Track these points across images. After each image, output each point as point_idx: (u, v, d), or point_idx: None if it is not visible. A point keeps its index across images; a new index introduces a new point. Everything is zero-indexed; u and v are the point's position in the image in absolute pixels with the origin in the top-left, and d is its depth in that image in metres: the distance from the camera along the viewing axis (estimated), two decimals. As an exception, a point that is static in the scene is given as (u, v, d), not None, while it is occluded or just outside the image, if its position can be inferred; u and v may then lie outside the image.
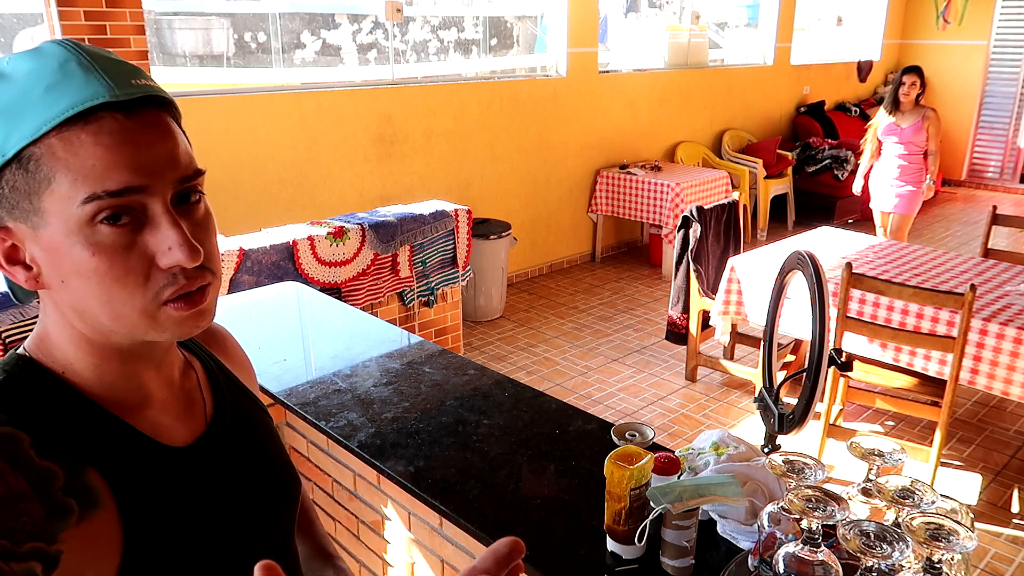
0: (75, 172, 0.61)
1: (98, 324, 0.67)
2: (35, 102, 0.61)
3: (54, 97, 0.61)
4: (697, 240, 4.03)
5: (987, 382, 3.00)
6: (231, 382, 0.85)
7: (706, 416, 3.87)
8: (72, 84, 0.62)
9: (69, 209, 0.62)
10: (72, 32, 3.51)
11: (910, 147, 5.10)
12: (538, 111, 5.71)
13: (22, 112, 0.61)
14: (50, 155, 0.61)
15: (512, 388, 1.79)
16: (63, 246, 0.63)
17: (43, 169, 0.61)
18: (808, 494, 1.00)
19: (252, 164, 4.28)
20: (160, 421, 0.73)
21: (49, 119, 0.61)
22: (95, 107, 0.62)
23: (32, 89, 0.61)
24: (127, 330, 0.67)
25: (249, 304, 2.39)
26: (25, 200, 0.62)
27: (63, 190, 0.62)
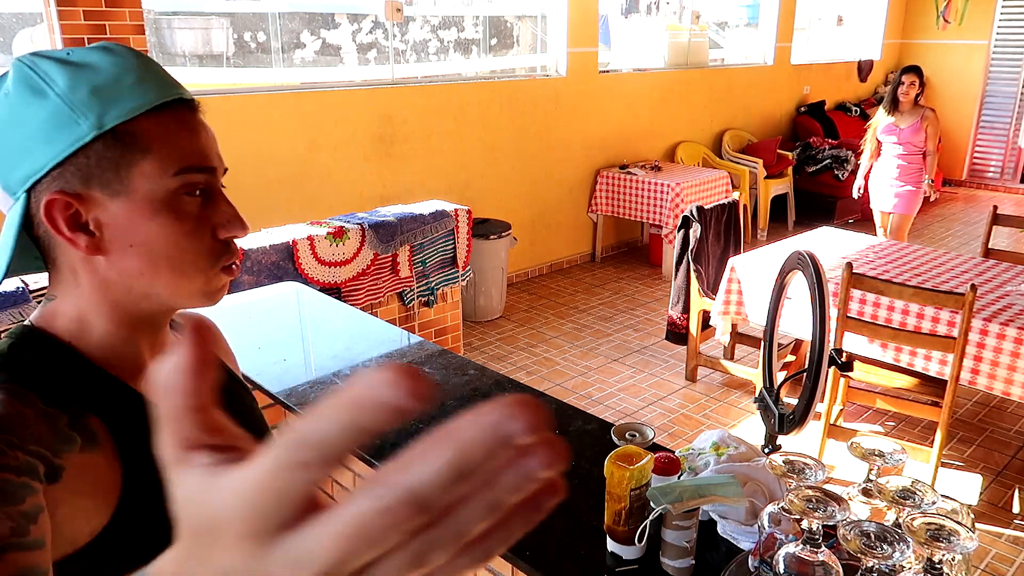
0: (167, 149, 0.72)
1: (149, 288, 0.74)
2: (128, 89, 0.71)
3: (144, 88, 0.72)
4: (697, 240, 4.03)
5: (988, 382, 3.00)
6: (219, 363, 0.90)
7: (706, 416, 3.87)
8: (155, 79, 0.73)
9: (159, 180, 0.72)
10: (72, 32, 3.51)
11: (909, 147, 5.10)
12: (538, 111, 5.70)
13: (116, 96, 0.70)
14: (144, 133, 0.71)
15: (512, 388, 1.79)
16: (145, 213, 0.72)
17: (138, 144, 0.71)
18: (808, 494, 1.00)
19: (252, 164, 4.27)
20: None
21: (143, 104, 0.71)
22: (174, 100, 0.74)
23: (123, 78, 0.71)
24: (181, 292, 0.76)
25: (249, 304, 2.38)
26: (112, 170, 0.70)
27: (155, 163, 0.71)
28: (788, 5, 7.75)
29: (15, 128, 0.69)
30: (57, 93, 0.68)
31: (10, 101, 0.69)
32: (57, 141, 0.68)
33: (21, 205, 0.71)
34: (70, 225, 0.70)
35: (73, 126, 0.68)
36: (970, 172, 9.52)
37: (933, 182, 5.14)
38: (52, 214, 0.70)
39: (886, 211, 5.33)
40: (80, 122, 0.69)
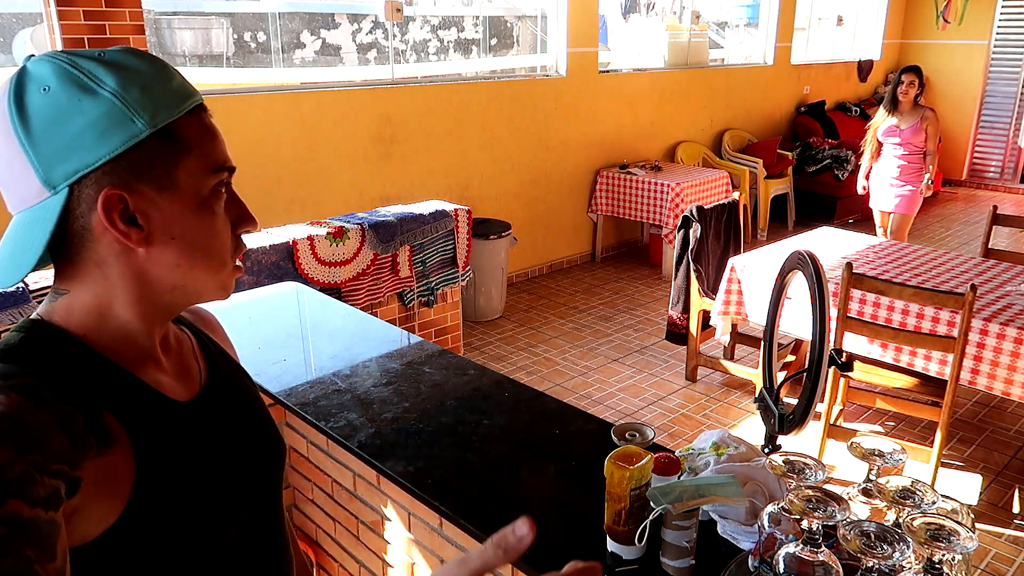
0: (206, 148, 0.77)
1: (182, 279, 0.78)
2: (172, 91, 0.75)
3: (182, 90, 0.77)
4: (697, 240, 4.03)
5: (987, 382, 3.00)
6: (221, 352, 0.95)
7: (706, 416, 3.87)
8: (185, 83, 0.78)
9: (201, 177, 0.76)
10: (72, 32, 3.51)
11: (909, 147, 5.10)
12: (538, 111, 5.70)
13: (163, 96, 0.74)
14: (189, 131, 0.76)
15: (512, 388, 1.79)
16: (189, 207, 0.76)
17: (184, 142, 0.75)
18: (808, 494, 1.00)
19: (252, 164, 4.27)
20: (163, 379, 0.81)
21: (186, 105, 0.76)
22: (200, 104, 0.79)
23: (164, 80, 0.75)
24: (208, 284, 0.80)
25: (249, 304, 2.38)
26: (161, 166, 0.74)
27: (198, 161, 0.76)
28: (788, 5, 7.75)
29: (63, 124, 0.70)
30: (110, 91, 0.71)
31: (55, 98, 0.71)
32: (112, 137, 0.71)
33: (62, 199, 0.72)
34: (124, 219, 0.73)
35: (128, 123, 0.71)
36: (970, 172, 9.52)
37: (932, 181, 5.14)
38: (109, 209, 0.72)
39: (886, 211, 5.33)
40: (135, 120, 0.72)
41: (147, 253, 0.75)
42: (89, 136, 0.70)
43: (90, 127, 0.70)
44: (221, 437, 0.85)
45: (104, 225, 0.72)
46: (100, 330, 0.77)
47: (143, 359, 0.80)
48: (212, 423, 0.84)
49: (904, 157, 5.11)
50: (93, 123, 0.70)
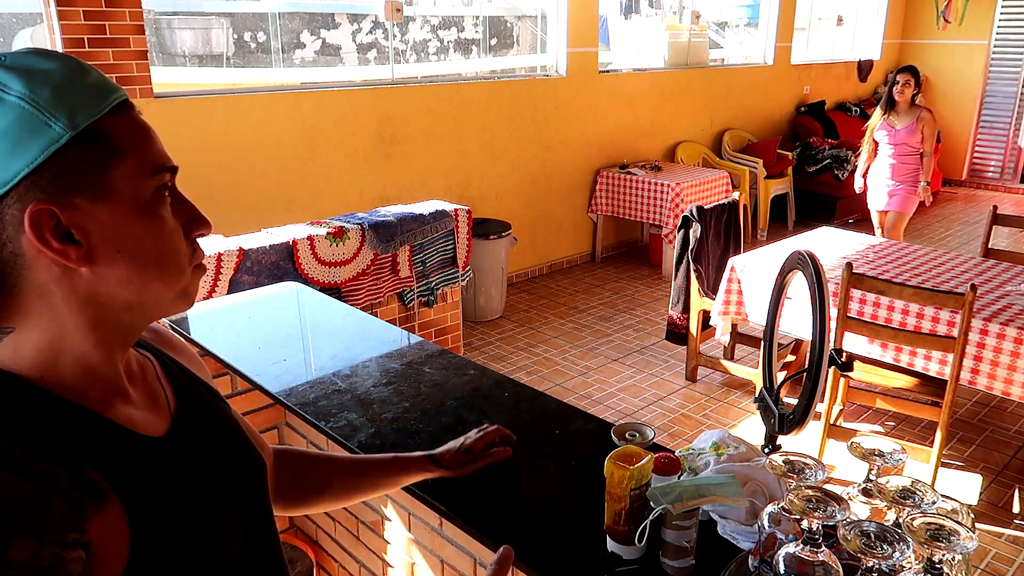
0: (140, 147, 0.70)
1: (136, 295, 0.71)
2: (88, 88, 0.67)
3: (101, 86, 0.69)
4: (697, 240, 4.03)
5: (987, 382, 3.00)
6: (186, 374, 0.88)
7: (706, 416, 3.87)
8: (103, 79, 0.70)
9: (139, 180, 0.69)
10: (72, 32, 3.51)
11: (904, 148, 5.10)
12: (538, 111, 5.70)
13: (79, 95, 0.66)
14: (118, 131, 0.68)
15: (512, 388, 1.79)
16: (130, 215, 0.69)
17: (114, 144, 0.68)
18: (808, 494, 1.00)
19: (252, 164, 4.27)
20: (133, 414, 0.75)
21: (108, 102, 0.68)
22: (124, 100, 0.71)
23: (77, 78, 0.67)
24: (166, 296, 0.73)
25: (249, 304, 2.38)
26: (93, 173, 0.67)
27: (133, 163, 0.69)
28: (788, 5, 7.75)
29: None
30: (17, 95, 0.64)
31: None
32: (29, 146, 0.64)
33: None
34: (58, 237, 0.65)
35: (44, 128, 0.64)
36: (970, 172, 9.52)
37: (929, 184, 5.14)
38: (39, 227, 0.64)
39: (882, 210, 5.34)
40: (52, 124, 0.64)
41: (92, 272, 0.68)
42: (1, 149, 0.63)
43: (1, 139, 0.63)
44: (203, 466, 0.80)
45: (37, 247, 0.65)
46: (57, 369, 0.69)
47: (109, 395, 0.73)
48: (191, 453, 0.79)
49: (899, 157, 5.12)
50: (3, 134, 0.63)
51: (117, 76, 3.68)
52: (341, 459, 1.21)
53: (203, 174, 4.07)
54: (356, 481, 1.20)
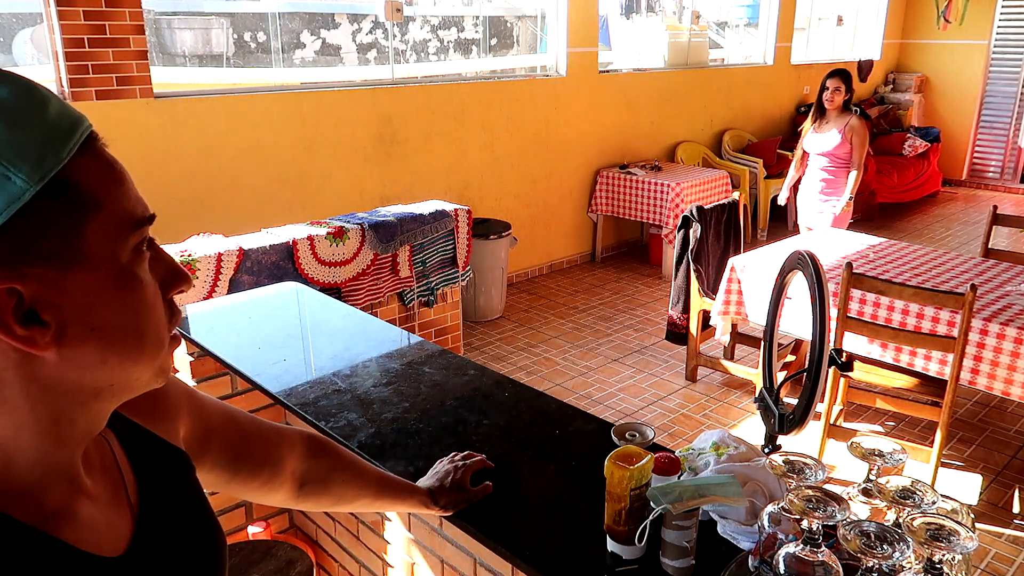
0: (115, 198, 0.56)
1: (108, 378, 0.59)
2: (50, 122, 0.53)
3: (63, 118, 0.54)
4: (697, 240, 4.03)
5: (987, 382, 3.00)
6: (146, 442, 0.76)
7: (706, 416, 3.87)
8: (64, 107, 0.56)
9: (117, 239, 0.56)
10: (72, 32, 3.51)
11: (834, 159, 4.65)
12: (538, 111, 5.70)
13: (39, 134, 0.52)
14: (90, 178, 0.54)
15: (512, 388, 1.79)
16: (106, 284, 0.56)
17: (88, 194, 0.54)
18: (808, 494, 1.00)
19: (252, 164, 4.27)
20: (93, 519, 0.64)
21: (74, 138, 0.54)
22: (89, 134, 0.57)
23: (39, 108, 0.53)
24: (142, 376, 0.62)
25: (249, 304, 2.38)
26: (60, 233, 0.53)
27: (109, 218, 0.55)
28: (788, 5, 7.75)
29: None
30: None
31: None
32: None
33: None
34: (19, 319, 0.52)
35: (3, 182, 0.50)
36: (970, 172, 9.52)
37: (852, 199, 4.64)
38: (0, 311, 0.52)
39: (812, 228, 4.80)
40: (11, 175, 0.50)
41: (59, 356, 0.55)
42: None
43: None
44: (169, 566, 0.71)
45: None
46: (7, 477, 0.57)
47: (65, 499, 0.61)
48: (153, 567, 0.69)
49: (828, 170, 4.68)
50: None
51: (117, 76, 3.68)
52: (365, 477, 1.19)
53: (203, 174, 4.07)
54: (370, 502, 1.22)
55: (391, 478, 1.26)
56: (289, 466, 1.07)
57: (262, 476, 1.03)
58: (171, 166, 3.92)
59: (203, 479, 0.95)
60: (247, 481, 1.01)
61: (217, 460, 0.95)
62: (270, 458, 1.03)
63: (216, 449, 0.94)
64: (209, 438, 0.93)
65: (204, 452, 0.92)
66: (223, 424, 0.96)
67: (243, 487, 1.02)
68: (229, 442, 0.96)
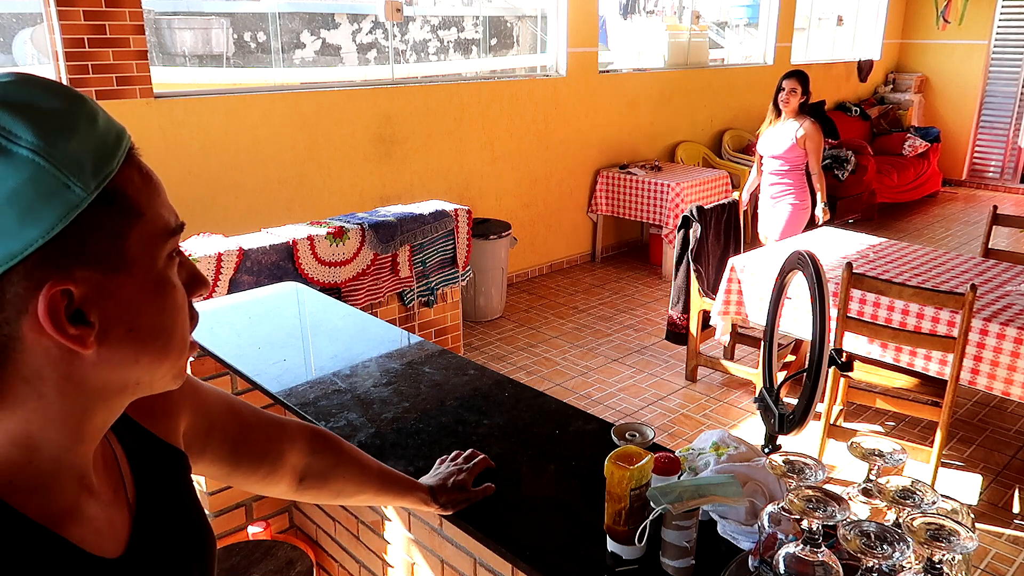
0: (155, 206, 0.61)
1: (138, 377, 0.63)
2: (100, 134, 0.57)
3: (109, 129, 0.58)
4: (697, 240, 4.03)
5: (988, 382, 3.00)
6: (144, 442, 0.78)
7: (706, 416, 3.87)
8: (109, 119, 0.60)
9: (155, 244, 0.60)
10: (72, 32, 3.51)
11: (784, 162, 4.48)
12: (538, 111, 5.70)
13: (92, 145, 0.56)
14: (133, 187, 0.59)
15: (512, 388, 1.79)
16: (146, 287, 0.60)
17: (132, 202, 0.58)
18: (808, 494, 1.00)
19: (252, 164, 4.27)
20: (97, 518, 0.66)
21: (121, 150, 0.58)
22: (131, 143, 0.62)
23: (90, 120, 0.57)
24: (165, 376, 0.65)
25: (249, 304, 2.38)
26: (108, 239, 0.57)
27: (149, 226, 0.60)
28: (788, 5, 7.75)
29: None
30: (29, 148, 0.53)
31: None
32: (43, 212, 0.53)
33: None
34: (69, 319, 0.56)
35: (63, 191, 0.53)
36: (970, 172, 9.53)
37: (826, 205, 4.50)
38: (54, 310, 0.55)
39: (772, 238, 4.65)
40: (71, 185, 0.54)
41: (99, 354, 0.58)
42: (10, 214, 0.52)
43: (9, 202, 0.52)
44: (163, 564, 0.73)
45: (43, 331, 0.55)
46: (23, 472, 0.59)
47: (72, 499, 0.63)
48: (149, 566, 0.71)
49: (779, 172, 4.52)
50: (12, 196, 0.52)
51: (117, 76, 3.68)
52: (366, 472, 1.20)
53: (203, 174, 4.07)
54: (370, 497, 1.23)
55: (392, 473, 1.27)
56: (290, 460, 1.08)
57: (262, 469, 1.04)
58: (171, 166, 3.92)
59: (204, 471, 0.97)
60: (248, 474, 1.03)
61: (218, 453, 0.96)
62: (271, 452, 1.04)
63: (218, 442, 0.95)
64: (211, 431, 0.93)
65: (206, 445, 0.93)
66: (225, 417, 0.97)
67: (244, 479, 1.03)
68: (230, 435, 0.97)
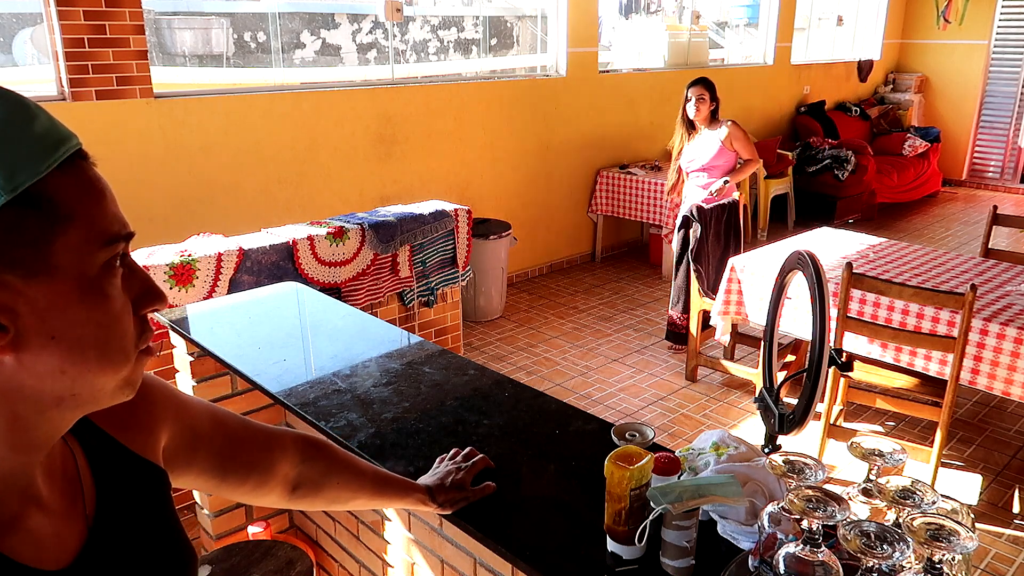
0: (92, 213, 0.59)
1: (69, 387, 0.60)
2: (33, 138, 0.56)
3: (48, 135, 0.57)
4: (697, 240, 4.03)
5: (987, 382, 3.00)
6: (115, 456, 0.76)
7: (706, 416, 3.87)
8: (50, 123, 0.58)
9: (86, 253, 0.58)
10: (72, 32, 3.51)
11: (716, 174, 4.25)
12: (538, 111, 5.70)
13: (18, 147, 0.55)
14: (62, 195, 0.57)
15: (512, 388, 1.79)
16: (71, 295, 0.58)
17: (59, 210, 0.57)
18: (808, 494, 1.00)
19: (252, 164, 4.27)
20: (39, 530, 0.64)
21: (55, 155, 0.57)
22: (75, 151, 0.59)
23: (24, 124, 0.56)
24: (105, 387, 0.63)
25: (249, 304, 2.38)
26: (29, 244, 0.55)
27: (81, 232, 0.58)
28: (788, 5, 7.75)
29: None
30: None
31: None
32: None
33: None
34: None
35: None
36: (970, 172, 9.53)
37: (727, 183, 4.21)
38: None
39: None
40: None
41: (17, 361, 0.57)
42: None
43: None
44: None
45: None
46: None
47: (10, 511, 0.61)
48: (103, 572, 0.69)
49: (711, 187, 4.26)
50: None
51: (117, 76, 3.68)
52: (361, 478, 1.19)
53: (203, 174, 4.07)
54: (366, 501, 1.22)
55: (389, 476, 1.26)
56: (281, 469, 1.07)
57: (252, 480, 1.03)
58: (171, 166, 3.92)
59: (191, 484, 0.95)
60: (236, 485, 1.02)
61: (205, 465, 0.95)
62: (260, 462, 1.03)
63: (204, 454, 0.94)
64: (196, 443, 0.92)
65: (192, 457, 0.92)
66: (211, 428, 0.95)
67: (233, 490, 1.02)
68: (217, 447, 0.96)
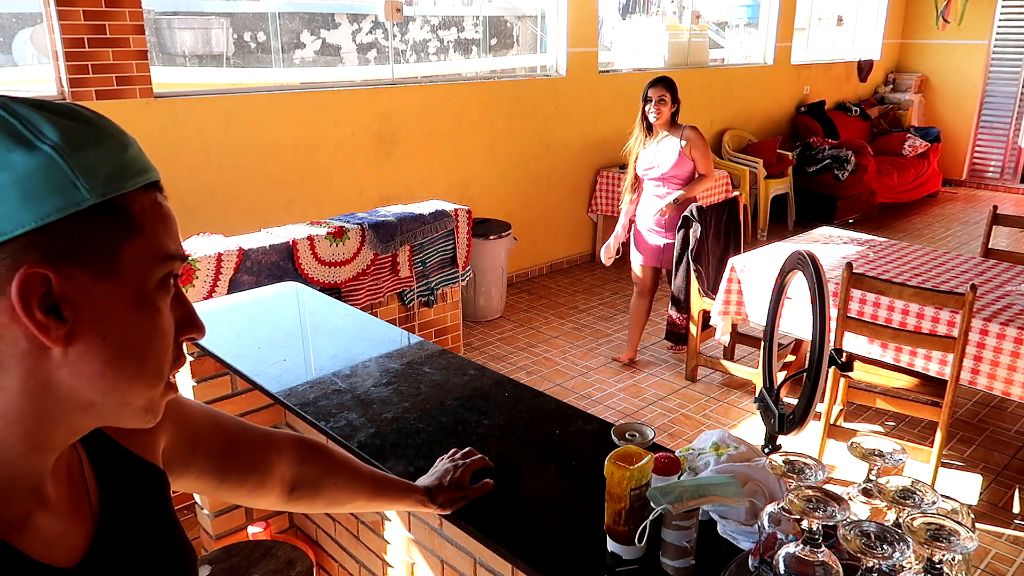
0: (157, 230, 0.63)
1: (102, 395, 0.62)
2: (125, 160, 0.62)
3: (139, 160, 0.64)
4: (697, 240, 4.03)
5: (988, 382, 3.00)
6: (117, 458, 0.77)
7: (706, 416, 3.87)
8: (141, 153, 0.65)
9: (148, 264, 0.63)
10: (72, 32, 3.51)
11: (675, 182, 4.02)
12: (538, 111, 5.70)
13: (112, 163, 0.61)
14: (141, 209, 0.62)
15: (512, 388, 1.79)
16: (128, 300, 0.61)
17: (134, 219, 0.62)
18: (808, 494, 1.00)
19: (252, 164, 4.27)
20: (48, 530, 0.66)
21: (140, 179, 0.63)
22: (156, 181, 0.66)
23: (120, 147, 0.62)
24: (133, 403, 0.65)
25: (249, 304, 2.38)
26: (104, 244, 0.60)
27: (146, 244, 0.62)
28: (788, 5, 7.75)
29: None
30: (50, 145, 0.57)
31: None
32: (44, 201, 0.56)
33: None
34: (43, 307, 0.57)
35: (69, 188, 0.57)
36: (970, 172, 9.53)
37: (677, 202, 3.97)
38: (27, 291, 0.56)
39: (653, 265, 4.18)
40: (79, 185, 0.58)
41: (64, 355, 0.59)
42: (12, 196, 0.55)
43: (16, 185, 0.55)
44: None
45: (15, 313, 0.56)
46: None
47: (22, 509, 0.63)
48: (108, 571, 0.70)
49: (673, 191, 4.04)
50: (21, 181, 0.56)
51: (117, 76, 3.68)
52: (359, 480, 1.20)
53: (203, 174, 4.07)
54: (365, 503, 1.23)
55: (387, 478, 1.27)
56: (278, 471, 1.08)
57: (250, 482, 1.04)
58: (171, 166, 3.92)
59: (190, 486, 0.97)
60: (236, 487, 1.03)
61: (204, 467, 0.96)
62: (258, 464, 1.05)
63: (203, 456, 0.96)
64: (195, 446, 0.94)
65: (190, 460, 0.93)
66: (209, 431, 0.97)
67: (231, 492, 1.04)
68: (215, 449, 0.98)
